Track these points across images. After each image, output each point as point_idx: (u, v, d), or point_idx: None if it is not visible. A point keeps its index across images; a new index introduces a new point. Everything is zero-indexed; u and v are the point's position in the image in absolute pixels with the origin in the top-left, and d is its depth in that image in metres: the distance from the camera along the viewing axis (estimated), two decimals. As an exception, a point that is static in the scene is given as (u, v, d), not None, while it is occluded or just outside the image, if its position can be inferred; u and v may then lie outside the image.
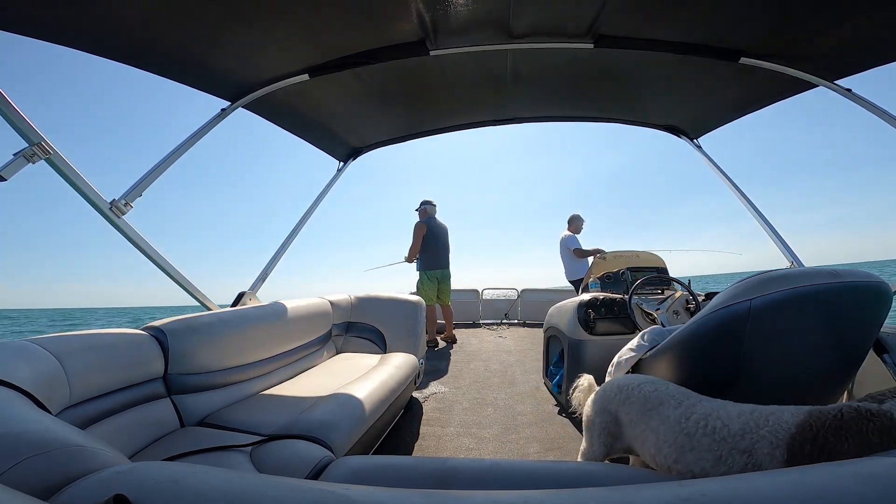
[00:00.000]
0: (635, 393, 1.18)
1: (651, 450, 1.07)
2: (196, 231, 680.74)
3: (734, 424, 0.92)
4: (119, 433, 1.28)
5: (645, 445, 1.09)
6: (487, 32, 1.92)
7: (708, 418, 0.97)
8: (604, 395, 1.27)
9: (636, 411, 1.14)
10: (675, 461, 0.99)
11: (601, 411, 1.25)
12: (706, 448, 0.94)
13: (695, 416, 0.99)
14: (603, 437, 1.23)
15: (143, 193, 1.85)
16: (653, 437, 1.07)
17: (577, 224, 4.96)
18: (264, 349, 2.05)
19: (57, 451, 0.60)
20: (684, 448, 0.98)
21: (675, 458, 0.99)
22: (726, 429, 0.92)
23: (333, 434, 1.40)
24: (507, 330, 5.45)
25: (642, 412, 1.12)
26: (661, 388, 1.15)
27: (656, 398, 1.12)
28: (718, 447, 0.91)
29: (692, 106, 2.73)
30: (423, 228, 4.49)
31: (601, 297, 2.50)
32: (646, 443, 1.09)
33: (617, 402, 1.21)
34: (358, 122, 2.92)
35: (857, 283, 1.12)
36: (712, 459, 0.92)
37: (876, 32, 1.71)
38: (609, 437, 1.22)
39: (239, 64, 1.95)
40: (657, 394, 1.13)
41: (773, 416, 0.89)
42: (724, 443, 0.91)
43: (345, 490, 0.52)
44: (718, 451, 0.91)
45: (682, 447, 0.98)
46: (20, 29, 1.47)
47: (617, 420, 1.20)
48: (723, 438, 0.92)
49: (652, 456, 1.07)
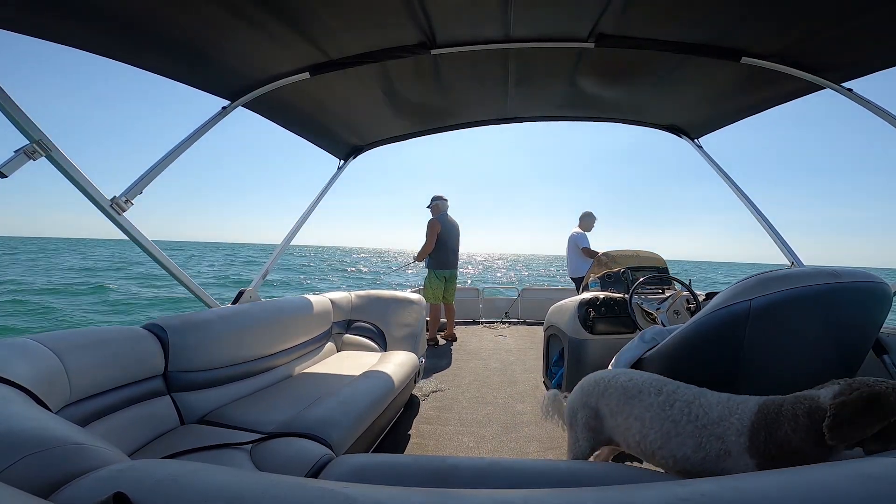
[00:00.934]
0: (613, 384, 1.22)
1: (636, 437, 1.11)
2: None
3: (713, 412, 0.99)
4: (119, 431, 1.28)
5: (629, 434, 1.13)
6: (488, 32, 1.92)
7: (691, 405, 1.03)
8: (582, 390, 1.31)
9: (615, 402, 1.18)
10: (660, 447, 1.05)
11: (582, 406, 1.29)
12: (689, 434, 1.00)
13: (678, 404, 1.05)
14: (586, 432, 1.27)
15: (143, 191, 1.85)
16: (637, 424, 1.11)
17: (587, 222, 4.95)
18: (264, 347, 2.05)
19: (57, 448, 0.60)
20: (670, 434, 1.03)
21: (661, 443, 1.05)
22: (707, 416, 0.99)
23: (333, 432, 1.41)
24: (507, 328, 5.45)
25: (622, 402, 1.17)
26: (636, 378, 1.19)
27: (634, 387, 1.16)
28: (699, 433, 0.98)
29: (693, 106, 2.72)
30: (437, 226, 4.42)
31: (601, 297, 2.50)
32: (629, 431, 1.13)
33: (596, 395, 1.25)
34: (359, 120, 2.92)
35: (857, 283, 1.12)
36: (693, 445, 0.98)
37: (881, 34, 1.69)
38: (591, 431, 1.26)
39: (239, 63, 1.95)
40: (633, 383, 1.17)
41: (742, 405, 0.97)
42: (705, 430, 0.98)
43: (344, 488, 0.52)
44: (699, 437, 0.98)
45: (668, 433, 1.03)
46: (20, 28, 1.47)
47: (597, 413, 1.24)
48: (703, 426, 0.98)
49: (637, 443, 1.11)
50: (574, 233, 4.92)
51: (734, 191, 2.77)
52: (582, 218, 4.98)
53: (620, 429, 1.17)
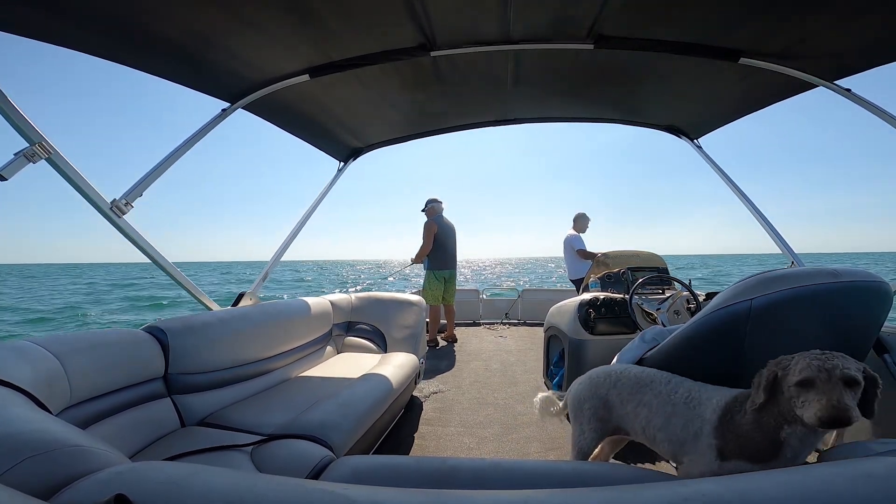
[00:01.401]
0: (625, 375, 1.33)
1: (642, 422, 1.23)
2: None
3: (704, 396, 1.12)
4: (119, 433, 1.28)
5: (637, 419, 1.25)
6: (488, 34, 1.92)
7: (691, 391, 1.15)
8: (591, 382, 1.41)
9: (628, 390, 1.29)
10: (660, 429, 1.17)
11: (591, 396, 1.38)
12: (682, 415, 1.13)
13: (681, 390, 1.18)
14: (593, 423, 1.36)
15: (143, 193, 1.85)
16: (644, 410, 1.22)
17: (581, 223, 4.95)
18: (264, 349, 2.05)
19: (57, 451, 0.60)
20: (670, 416, 1.15)
21: (661, 425, 1.17)
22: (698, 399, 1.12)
23: (334, 434, 1.40)
24: (507, 329, 5.45)
25: (635, 390, 1.28)
26: (647, 371, 1.31)
27: (647, 377, 1.28)
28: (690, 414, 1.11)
29: (692, 106, 2.73)
30: (433, 227, 4.47)
31: (602, 297, 2.50)
32: (637, 416, 1.24)
33: (607, 385, 1.35)
34: (358, 122, 2.92)
35: (857, 283, 1.12)
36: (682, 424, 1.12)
37: (876, 32, 1.70)
38: (598, 421, 1.36)
39: (239, 65, 1.95)
40: (645, 374, 1.29)
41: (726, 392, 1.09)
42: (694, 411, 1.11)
43: (345, 490, 0.52)
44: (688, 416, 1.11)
45: (669, 416, 1.15)
46: (20, 30, 1.47)
47: (606, 403, 1.34)
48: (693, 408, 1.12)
49: (642, 428, 1.23)
50: (569, 235, 4.91)
51: (734, 191, 2.78)
52: (576, 220, 4.97)
53: (630, 416, 1.27)
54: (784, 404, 0.91)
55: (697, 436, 1.07)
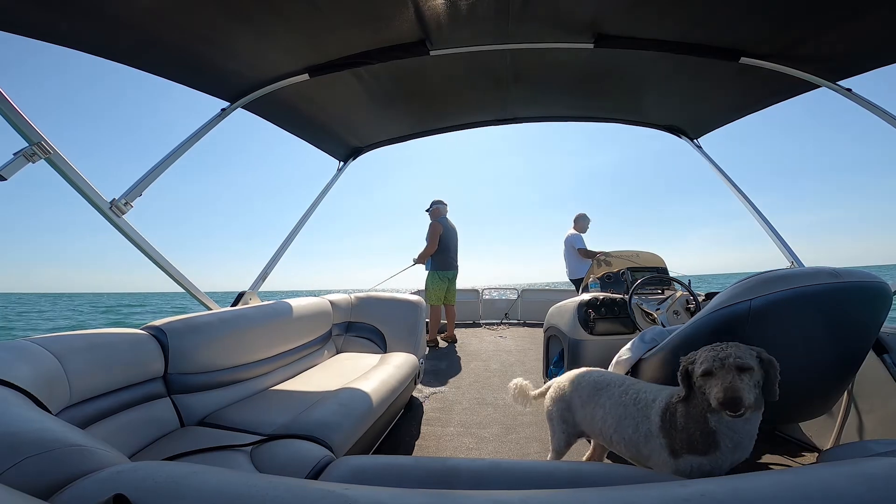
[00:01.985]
0: (585, 379, 1.42)
1: (598, 424, 1.29)
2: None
3: (650, 396, 1.18)
4: (119, 433, 1.28)
5: (594, 421, 1.32)
6: (487, 32, 1.92)
7: (639, 394, 1.21)
8: (558, 387, 1.50)
9: (587, 393, 1.37)
10: (615, 430, 1.23)
11: (558, 400, 1.47)
12: (632, 416, 1.18)
13: (631, 392, 1.23)
14: (561, 425, 1.46)
15: (143, 193, 1.85)
16: (601, 411, 1.29)
17: (582, 223, 4.97)
18: (264, 349, 2.05)
19: (57, 450, 0.60)
20: (621, 418, 1.21)
21: (615, 427, 1.23)
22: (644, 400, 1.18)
23: (333, 434, 1.40)
24: (507, 330, 5.45)
25: (592, 393, 1.35)
26: (605, 375, 1.40)
27: (604, 381, 1.35)
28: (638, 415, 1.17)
29: (692, 106, 2.73)
30: (439, 228, 4.51)
31: (601, 297, 2.50)
32: (594, 419, 1.31)
33: (570, 389, 1.44)
34: (358, 121, 2.92)
35: (857, 283, 1.12)
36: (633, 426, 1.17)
37: (877, 33, 1.70)
38: (564, 423, 1.45)
39: (238, 64, 1.95)
40: (603, 378, 1.37)
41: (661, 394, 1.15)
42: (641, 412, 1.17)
43: (345, 490, 0.52)
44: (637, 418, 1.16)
45: (620, 417, 1.22)
46: (21, 30, 1.47)
47: (570, 406, 1.43)
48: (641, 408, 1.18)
49: (599, 430, 1.30)
50: (569, 234, 4.93)
51: (734, 191, 2.78)
52: (576, 220, 5.01)
53: (588, 418, 1.35)
54: (701, 394, 1.00)
55: (648, 437, 1.13)
